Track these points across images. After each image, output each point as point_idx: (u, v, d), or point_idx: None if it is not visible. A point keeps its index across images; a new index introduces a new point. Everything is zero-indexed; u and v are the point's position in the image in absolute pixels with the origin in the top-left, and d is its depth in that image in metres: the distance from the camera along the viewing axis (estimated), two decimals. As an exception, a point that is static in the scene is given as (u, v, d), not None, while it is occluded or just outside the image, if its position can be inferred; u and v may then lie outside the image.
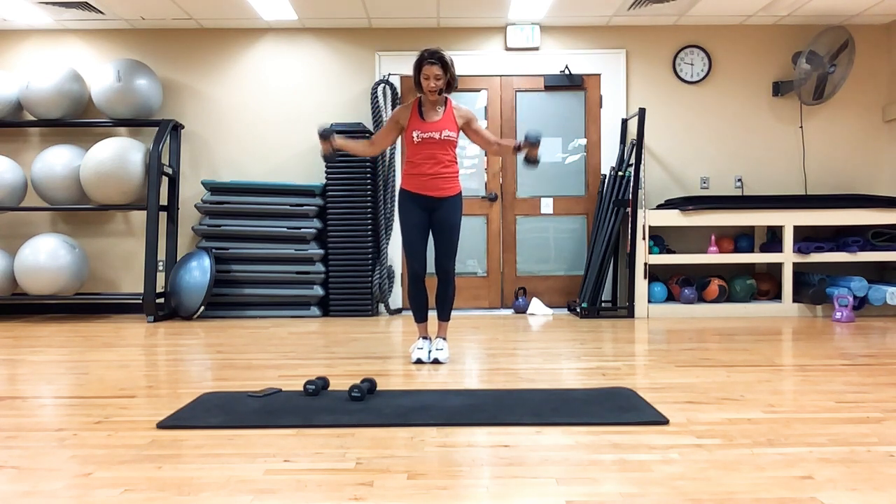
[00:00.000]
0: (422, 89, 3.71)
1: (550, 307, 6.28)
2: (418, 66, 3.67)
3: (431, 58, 3.63)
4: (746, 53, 6.29)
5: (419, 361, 3.84)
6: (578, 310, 5.85)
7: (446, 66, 3.65)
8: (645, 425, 2.61)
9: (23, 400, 3.08)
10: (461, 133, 3.84)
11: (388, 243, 6.15)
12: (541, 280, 6.43)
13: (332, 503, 1.90)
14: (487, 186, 6.39)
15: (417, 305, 3.98)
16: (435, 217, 3.85)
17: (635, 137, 5.87)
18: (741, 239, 6.16)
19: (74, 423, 2.69)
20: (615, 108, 6.30)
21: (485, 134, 3.91)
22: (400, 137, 4.04)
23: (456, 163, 3.85)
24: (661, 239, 6.05)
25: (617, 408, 2.81)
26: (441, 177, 3.77)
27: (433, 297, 4.01)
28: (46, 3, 5.61)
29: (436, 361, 3.84)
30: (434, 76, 3.63)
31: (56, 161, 5.87)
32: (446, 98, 3.80)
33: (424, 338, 3.98)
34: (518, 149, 3.78)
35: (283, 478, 2.10)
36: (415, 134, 3.72)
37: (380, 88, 6.13)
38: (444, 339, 4.00)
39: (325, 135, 3.71)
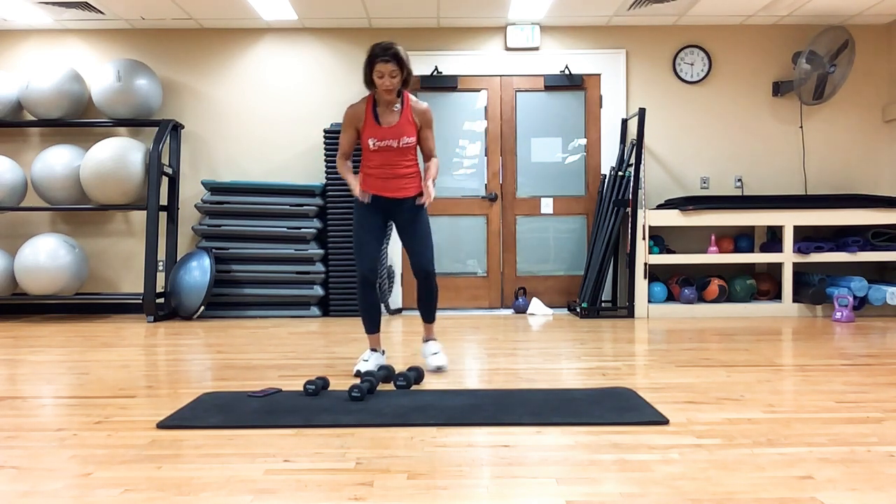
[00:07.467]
0: (375, 88, 3.38)
1: (550, 307, 6.29)
2: (370, 63, 3.33)
3: (384, 54, 3.28)
4: (746, 53, 6.29)
5: (358, 374, 3.48)
6: (578, 310, 5.85)
7: (402, 62, 3.31)
8: (645, 425, 2.61)
9: (23, 400, 3.08)
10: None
11: (387, 243, 6.14)
12: (541, 280, 6.43)
13: (332, 503, 1.90)
14: (487, 186, 6.39)
15: (369, 314, 3.61)
16: (398, 221, 3.59)
17: (635, 137, 5.87)
18: (741, 239, 6.15)
19: (74, 423, 2.69)
20: (615, 108, 6.30)
21: (428, 147, 3.58)
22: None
23: (416, 164, 3.57)
24: (661, 239, 6.04)
25: (617, 408, 2.80)
26: (399, 177, 3.50)
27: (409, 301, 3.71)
28: (46, 3, 5.61)
29: (438, 370, 3.56)
30: (389, 73, 3.29)
31: (56, 161, 5.87)
32: (403, 94, 3.47)
33: (373, 350, 3.65)
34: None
35: (283, 478, 2.10)
36: (370, 142, 3.42)
37: (380, 88, 6.11)
38: (436, 339, 3.71)
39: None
